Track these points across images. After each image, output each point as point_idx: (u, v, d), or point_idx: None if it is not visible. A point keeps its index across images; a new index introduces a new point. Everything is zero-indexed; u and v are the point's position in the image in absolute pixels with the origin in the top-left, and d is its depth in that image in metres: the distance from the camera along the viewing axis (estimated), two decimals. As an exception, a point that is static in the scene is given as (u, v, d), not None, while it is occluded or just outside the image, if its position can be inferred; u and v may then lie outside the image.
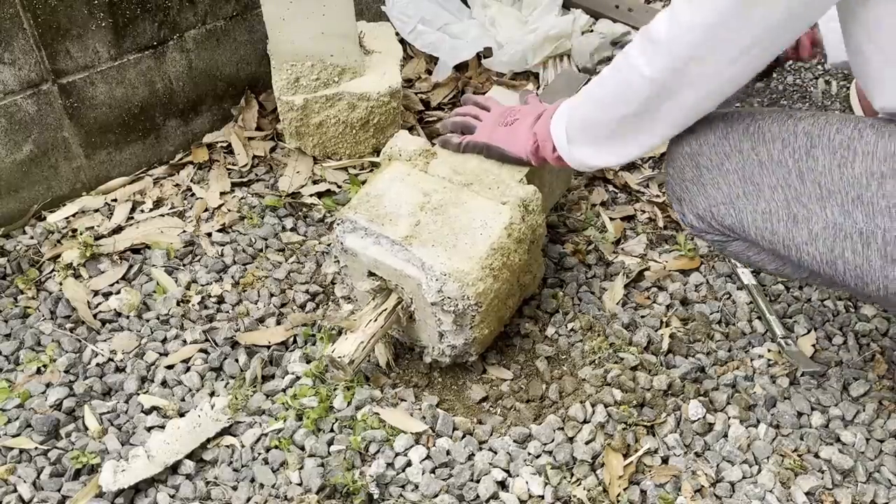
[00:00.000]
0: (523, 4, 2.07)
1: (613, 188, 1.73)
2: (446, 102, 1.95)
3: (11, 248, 1.56)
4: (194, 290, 1.49)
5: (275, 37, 1.61)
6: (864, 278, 0.99)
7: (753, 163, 1.04)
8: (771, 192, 1.03)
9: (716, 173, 1.07)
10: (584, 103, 1.17)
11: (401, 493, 1.18)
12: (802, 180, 1.00)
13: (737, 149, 1.06)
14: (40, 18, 1.46)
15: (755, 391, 1.31)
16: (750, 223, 1.06)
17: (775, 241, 1.05)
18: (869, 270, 0.98)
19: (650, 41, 1.02)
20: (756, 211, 1.04)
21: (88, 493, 1.18)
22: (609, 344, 1.37)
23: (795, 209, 1.01)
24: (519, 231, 1.26)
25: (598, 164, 1.19)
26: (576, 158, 1.20)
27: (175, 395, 1.32)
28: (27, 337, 1.40)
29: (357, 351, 1.21)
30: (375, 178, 1.33)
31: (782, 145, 1.02)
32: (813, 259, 1.02)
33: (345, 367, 1.21)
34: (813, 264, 1.03)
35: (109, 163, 1.69)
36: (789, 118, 1.05)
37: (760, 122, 1.06)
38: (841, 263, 1.00)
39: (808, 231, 1.01)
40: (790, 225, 1.02)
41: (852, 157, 0.97)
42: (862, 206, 0.96)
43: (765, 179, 1.03)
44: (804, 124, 1.02)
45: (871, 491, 1.18)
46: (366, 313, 1.25)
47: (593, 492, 1.17)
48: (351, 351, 1.20)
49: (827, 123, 1.01)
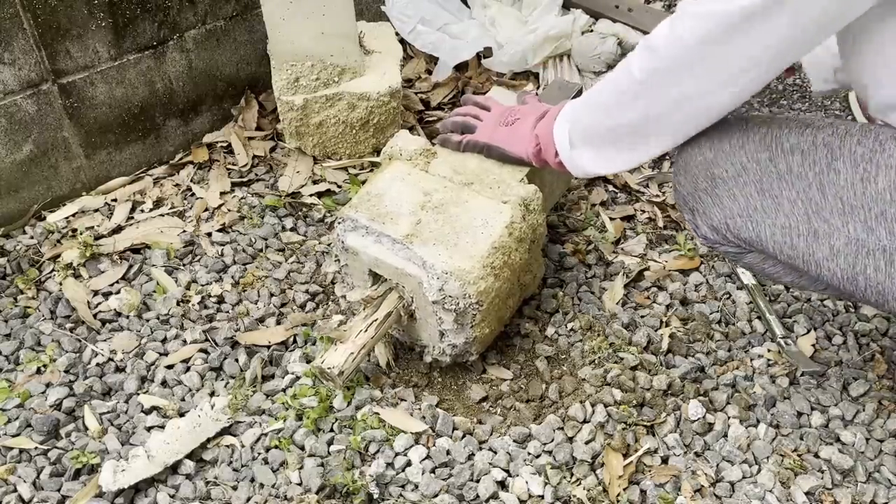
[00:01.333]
0: (523, 4, 2.07)
1: (613, 188, 1.73)
2: (446, 102, 1.95)
3: (11, 248, 1.56)
4: (194, 289, 1.49)
5: (275, 37, 1.61)
6: (886, 295, 0.96)
7: (772, 175, 1.00)
8: (791, 206, 0.99)
9: (732, 184, 1.04)
10: (586, 106, 1.16)
11: (401, 493, 1.18)
12: (824, 194, 0.97)
13: (754, 159, 1.02)
14: (40, 18, 1.46)
15: (755, 391, 1.31)
16: (768, 237, 1.02)
17: (795, 255, 1.01)
18: (891, 287, 0.95)
19: (648, 48, 1.01)
20: (775, 225, 1.01)
21: (88, 493, 1.18)
22: (609, 344, 1.37)
23: (816, 224, 0.98)
24: (520, 230, 1.26)
25: (598, 171, 1.18)
26: (577, 164, 1.19)
27: (175, 394, 1.32)
28: (27, 337, 1.40)
29: (347, 362, 1.20)
30: (376, 177, 1.33)
31: (802, 157, 0.99)
32: (833, 275, 0.99)
33: (334, 378, 1.20)
34: (833, 280, 1.00)
35: (109, 163, 1.69)
36: (807, 127, 1.01)
37: (777, 131, 1.03)
38: (862, 280, 0.97)
39: (830, 247, 0.98)
40: (811, 240, 0.99)
41: (875, 170, 0.94)
42: (885, 223, 0.93)
43: (784, 192, 1.00)
44: (823, 135, 0.99)
45: (870, 491, 1.18)
46: (356, 324, 1.24)
47: (593, 492, 1.17)
48: (341, 362, 1.20)
49: (847, 134, 0.98)
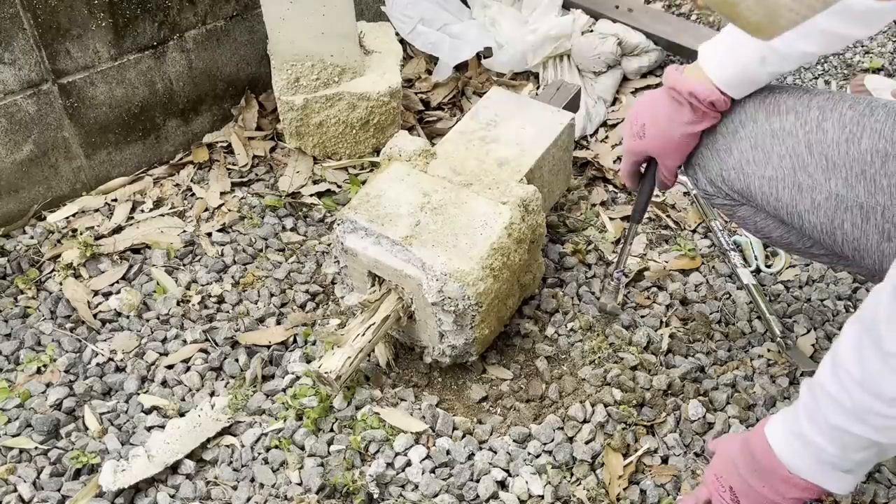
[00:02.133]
0: (523, 4, 2.07)
1: (613, 188, 1.73)
2: (446, 102, 1.95)
3: (11, 248, 1.56)
4: (194, 289, 1.49)
5: (275, 37, 1.61)
6: (861, 251, 1.01)
7: (766, 132, 1.06)
8: (779, 160, 1.05)
9: (729, 139, 1.09)
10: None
11: (401, 493, 1.18)
12: (810, 151, 1.02)
13: (751, 118, 1.08)
14: (40, 18, 1.46)
15: (755, 391, 1.31)
16: (757, 188, 1.08)
17: (780, 207, 1.07)
18: (866, 244, 1.00)
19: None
20: (763, 177, 1.06)
21: (88, 492, 1.18)
22: (609, 344, 1.37)
23: (801, 178, 1.03)
24: (519, 231, 1.26)
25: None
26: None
27: (175, 394, 1.32)
28: (27, 337, 1.40)
29: (344, 366, 1.20)
30: (375, 178, 1.33)
31: (795, 117, 1.05)
32: (814, 228, 1.04)
33: (332, 382, 1.20)
34: (814, 233, 1.05)
35: (109, 163, 1.69)
36: (805, 93, 1.07)
37: (778, 95, 1.08)
38: (840, 234, 1.02)
39: (812, 200, 1.03)
40: (794, 192, 1.04)
41: (860, 133, 0.99)
42: (864, 182, 0.98)
43: (774, 148, 1.05)
44: (818, 99, 1.05)
45: (871, 491, 1.18)
46: (353, 328, 1.24)
47: (593, 491, 1.17)
48: (338, 367, 1.20)
49: (841, 100, 1.03)
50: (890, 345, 0.82)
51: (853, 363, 0.86)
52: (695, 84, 1.09)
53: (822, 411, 0.90)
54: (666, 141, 1.15)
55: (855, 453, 0.89)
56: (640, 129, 1.18)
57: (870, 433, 0.86)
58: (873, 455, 0.90)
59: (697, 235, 1.62)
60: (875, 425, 0.85)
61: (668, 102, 1.13)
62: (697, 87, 1.08)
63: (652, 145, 1.17)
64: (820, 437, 0.90)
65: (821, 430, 0.90)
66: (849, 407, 0.87)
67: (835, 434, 0.89)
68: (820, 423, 0.90)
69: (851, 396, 0.86)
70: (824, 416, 0.89)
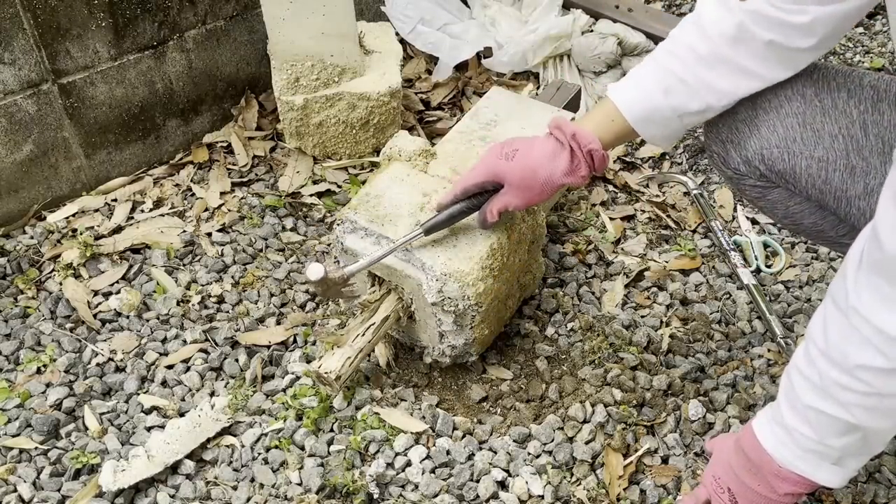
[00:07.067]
0: (523, 4, 2.07)
1: (613, 188, 1.73)
2: (446, 102, 1.95)
3: (11, 248, 1.56)
4: (194, 289, 1.49)
5: (275, 37, 1.61)
6: None
7: (816, 108, 1.00)
8: (831, 140, 0.99)
9: (773, 115, 1.03)
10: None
11: (401, 493, 1.18)
12: (866, 133, 0.97)
13: (799, 93, 1.02)
14: (40, 18, 1.46)
15: (755, 391, 1.31)
16: (803, 169, 1.01)
17: (827, 190, 1.01)
18: None
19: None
20: (812, 157, 1.00)
21: (88, 492, 1.18)
22: (609, 344, 1.37)
23: (854, 161, 0.98)
24: (519, 231, 1.26)
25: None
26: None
27: (175, 394, 1.32)
28: (27, 337, 1.40)
29: (344, 367, 1.20)
30: (375, 178, 1.33)
31: (848, 95, 1.00)
32: (863, 214, 0.99)
33: (331, 382, 1.21)
34: (861, 220, 0.99)
35: (109, 163, 1.69)
36: (853, 71, 1.03)
37: (824, 71, 1.03)
38: None
39: (865, 185, 0.98)
40: (846, 176, 0.99)
41: None
42: None
43: (826, 127, 1.00)
44: (869, 78, 1.01)
45: (871, 491, 1.18)
46: (353, 328, 1.24)
47: (593, 492, 1.17)
48: (338, 367, 1.20)
49: (892, 80, 0.99)
50: (854, 298, 0.80)
51: (819, 333, 0.85)
52: (579, 129, 1.08)
53: (796, 391, 0.89)
54: (529, 176, 1.11)
55: (833, 438, 0.88)
56: (510, 152, 1.13)
57: (839, 412, 0.85)
58: (856, 443, 0.88)
59: (697, 235, 1.62)
60: (841, 400, 0.84)
61: (551, 141, 1.11)
62: (581, 132, 1.08)
63: (512, 174, 1.12)
64: (797, 420, 0.90)
65: (797, 412, 0.90)
66: (816, 381, 0.86)
67: (809, 414, 0.88)
68: (796, 406, 0.90)
69: (819, 369, 0.86)
70: (798, 397, 0.89)
